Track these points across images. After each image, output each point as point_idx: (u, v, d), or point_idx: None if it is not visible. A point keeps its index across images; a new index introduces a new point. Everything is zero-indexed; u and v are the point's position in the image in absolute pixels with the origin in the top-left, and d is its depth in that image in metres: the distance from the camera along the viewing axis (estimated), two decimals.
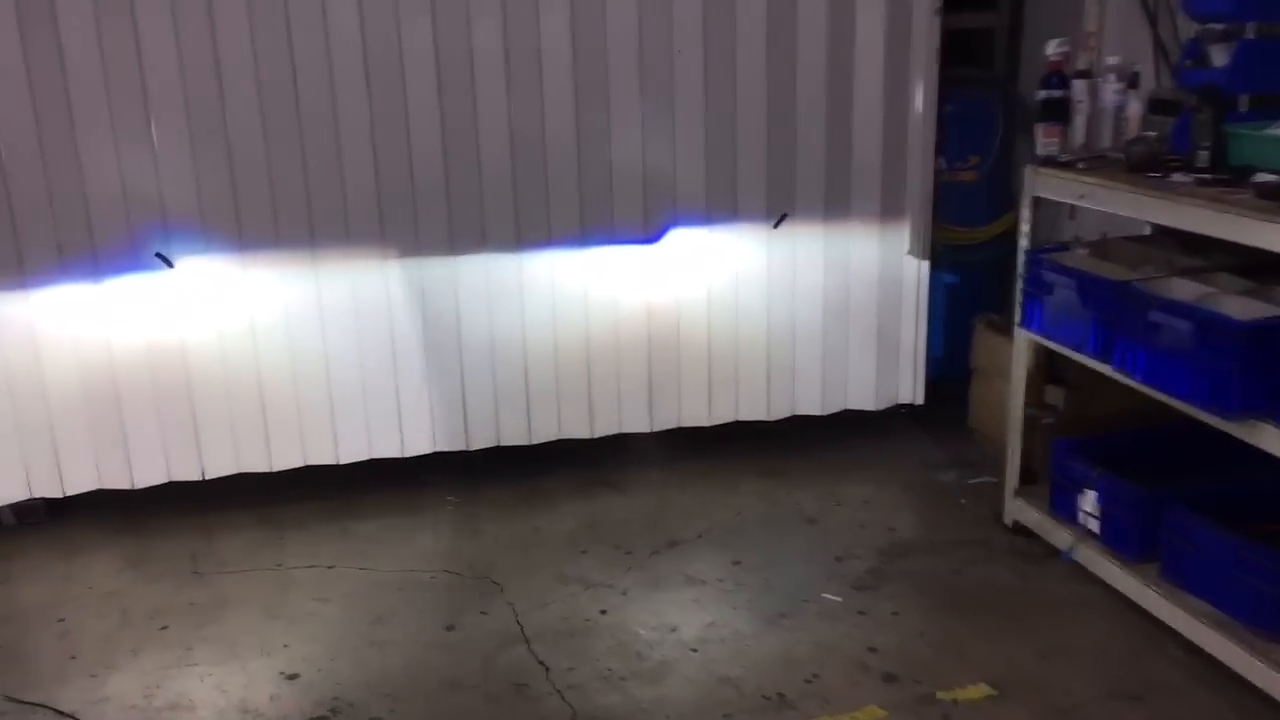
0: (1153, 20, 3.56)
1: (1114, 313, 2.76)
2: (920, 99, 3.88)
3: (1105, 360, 2.82)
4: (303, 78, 3.43)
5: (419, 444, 3.82)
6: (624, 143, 3.73)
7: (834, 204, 3.92)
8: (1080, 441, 3.24)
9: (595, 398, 3.93)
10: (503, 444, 3.89)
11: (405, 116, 3.53)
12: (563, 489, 3.84)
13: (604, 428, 3.97)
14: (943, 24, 3.83)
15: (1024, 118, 4.31)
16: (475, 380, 3.81)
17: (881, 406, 4.16)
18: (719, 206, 3.85)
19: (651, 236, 3.83)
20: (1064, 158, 3.09)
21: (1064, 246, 3.15)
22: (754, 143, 3.81)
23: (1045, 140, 3.12)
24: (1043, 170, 3.12)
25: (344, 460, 3.77)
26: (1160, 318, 2.61)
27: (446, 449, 3.84)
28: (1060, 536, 3.21)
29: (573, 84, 3.62)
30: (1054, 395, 3.46)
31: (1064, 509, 3.22)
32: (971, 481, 3.82)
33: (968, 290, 4.32)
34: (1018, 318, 3.25)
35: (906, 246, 4.04)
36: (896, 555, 3.34)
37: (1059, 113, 3.10)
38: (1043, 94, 3.11)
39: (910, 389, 4.18)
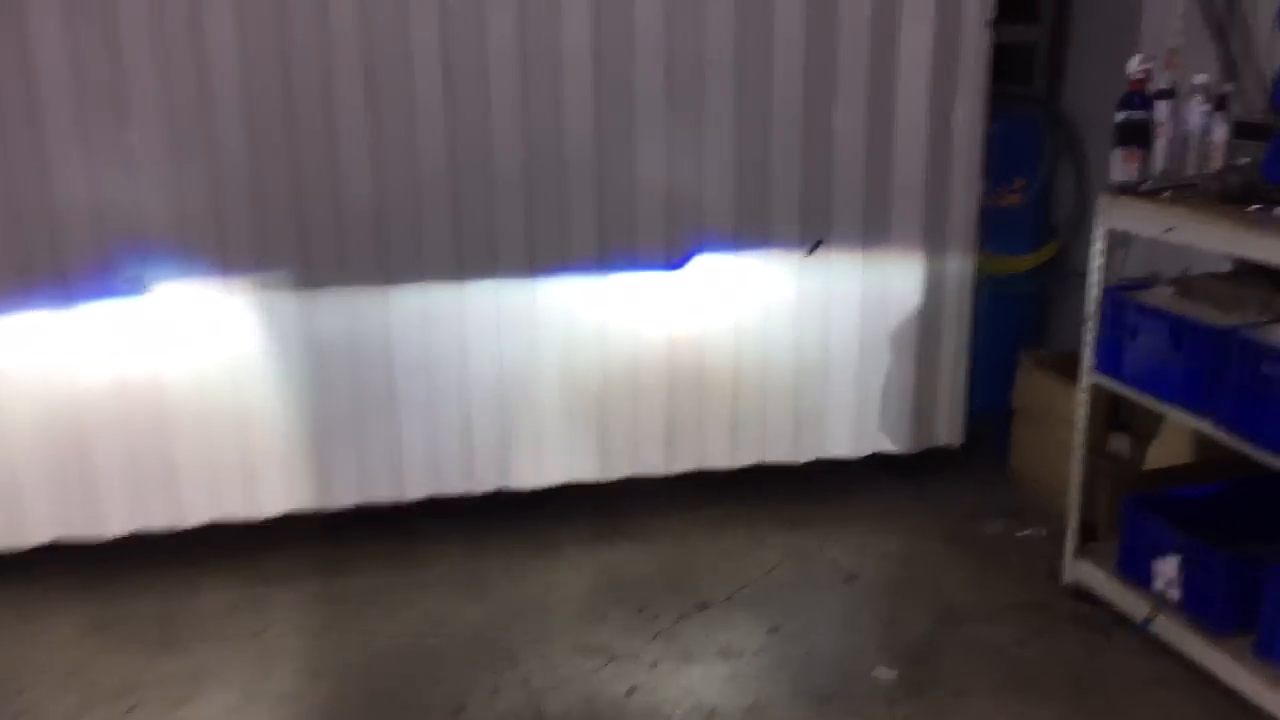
0: (1223, 33, 3.28)
1: (1217, 363, 2.46)
2: (968, 117, 3.59)
3: (1205, 415, 2.52)
4: (296, 80, 3.10)
5: (418, 488, 3.47)
6: (648, 159, 3.40)
7: (872, 230, 3.61)
8: (1154, 497, 2.94)
9: (609, 437, 3.60)
10: (508, 488, 3.55)
11: (410, 126, 3.20)
12: (574, 539, 3.50)
13: (617, 470, 3.64)
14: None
15: (1068, 139, 4.03)
16: (482, 418, 3.47)
17: (917, 450, 3.85)
18: (749, 230, 3.54)
19: (675, 262, 3.51)
20: (1146, 186, 2.79)
21: (1145, 284, 2.85)
22: (788, 162, 3.50)
23: (1124, 166, 2.82)
24: (1121, 199, 2.82)
25: (334, 506, 3.42)
26: (1275, 370, 2.31)
27: (448, 493, 3.50)
28: (1131, 603, 2.90)
29: (594, 94, 3.30)
30: (1119, 444, 3.17)
31: (1135, 572, 2.91)
32: (1020, 534, 3.51)
33: (1007, 323, 4.03)
34: (1089, 361, 2.95)
35: (949, 277, 3.73)
36: (949, 622, 3.02)
37: (1139, 136, 2.80)
38: (1122, 115, 2.81)
39: (948, 430, 3.87)
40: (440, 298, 3.35)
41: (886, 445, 3.82)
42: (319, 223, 3.21)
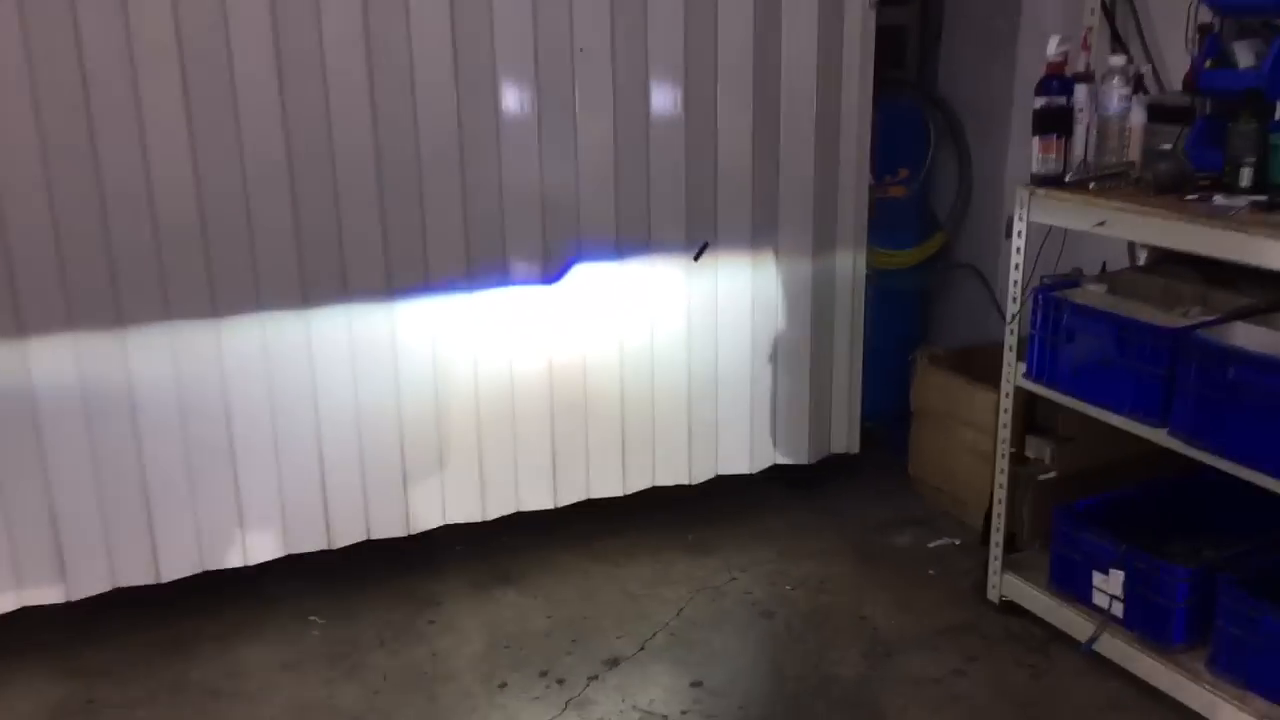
0: (1110, 12, 3.15)
1: (1170, 368, 2.29)
2: (855, 105, 3.35)
3: (1158, 424, 2.34)
4: (91, 72, 2.57)
5: (265, 547, 2.99)
6: (516, 160, 3.02)
7: (761, 230, 3.34)
8: (1084, 505, 2.77)
9: (488, 473, 3.20)
10: (373, 538, 3.11)
11: (234, 124, 2.71)
12: (455, 591, 3.09)
13: (499, 507, 3.25)
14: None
15: (950, 126, 3.87)
16: (337, 463, 3.02)
17: (815, 459, 3.61)
18: (631, 236, 3.20)
19: (552, 275, 3.14)
20: (1071, 177, 2.60)
21: (1070, 281, 2.67)
22: (670, 158, 3.17)
23: (1043, 155, 2.62)
24: (1042, 192, 2.62)
25: (167, 578, 2.90)
26: (1243, 376, 2.14)
27: (302, 550, 3.03)
28: (1068, 619, 2.73)
29: (452, 86, 2.89)
30: (1038, 448, 2.99)
31: (1070, 585, 2.74)
32: (932, 545, 3.31)
33: (893, 321, 3.84)
34: (1014, 366, 2.75)
35: (839, 276, 3.50)
36: (882, 655, 2.77)
37: (1059, 123, 2.61)
38: (1041, 101, 2.61)
39: (845, 438, 3.65)
40: (282, 329, 2.88)
41: (784, 457, 3.56)
42: (128, 246, 2.69)
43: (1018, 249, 2.71)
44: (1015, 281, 2.73)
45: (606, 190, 3.14)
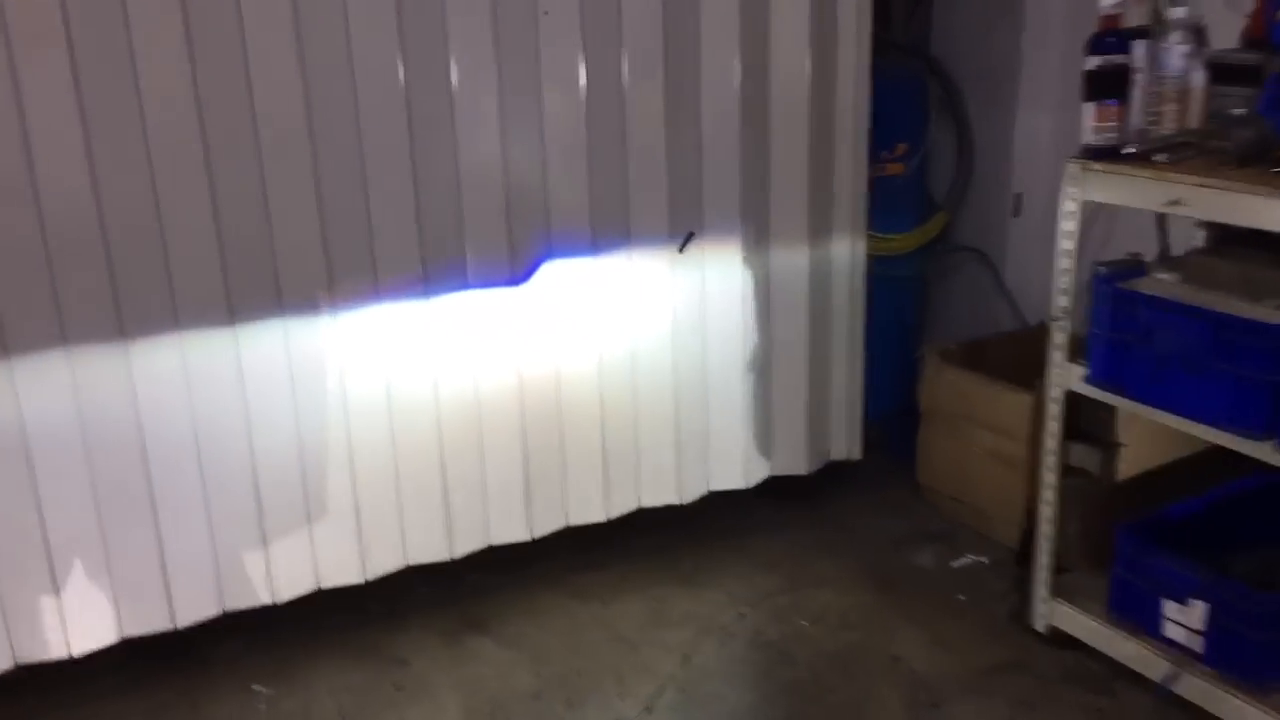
0: None
1: None
2: (852, 71, 2.97)
3: (1266, 437, 2.00)
4: None
5: (195, 607, 2.54)
6: (475, 141, 2.58)
7: (752, 214, 2.94)
8: (1148, 524, 2.44)
9: (454, 505, 2.77)
10: (325, 587, 2.67)
11: (138, 113, 2.23)
12: (423, 645, 2.67)
13: (467, 543, 2.82)
14: None
15: (948, 94, 3.51)
16: (278, 504, 2.57)
17: (814, 468, 3.24)
18: (607, 226, 2.78)
19: (519, 275, 2.71)
20: (1131, 149, 2.25)
21: (1133, 270, 2.31)
22: (650, 135, 2.76)
23: (1098, 124, 2.26)
24: (1099, 166, 2.26)
25: (78, 651, 2.43)
26: None
27: (240, 607, 2.58)
28: (1132, 652, 2.39)
29: (399, 52, 2.44)
30: (1084, 457, 2.65)
31: (1133, 613, 2.41)
32: (956, 565, 2.96)
33: (891, 312, 3.48)
34: (1064, 369, 2.40)
35: (837, 266, 3.13)
36: (927, 705, 2.42)
37: (1116, 87, 2.25)
38: (1096, 61, 2.24)
39: (845, 443, 3.28)
40: (206, 351, 2.42)
41: (781, 468, 3.18)
42: (6, 256, 2.20)
43: (1067, 233, 2.34)
44: (1065, 270, 2.37)
45: (579, 174, 2.71)
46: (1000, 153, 3.40)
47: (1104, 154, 2.27)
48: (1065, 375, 2.41)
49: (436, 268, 2.60)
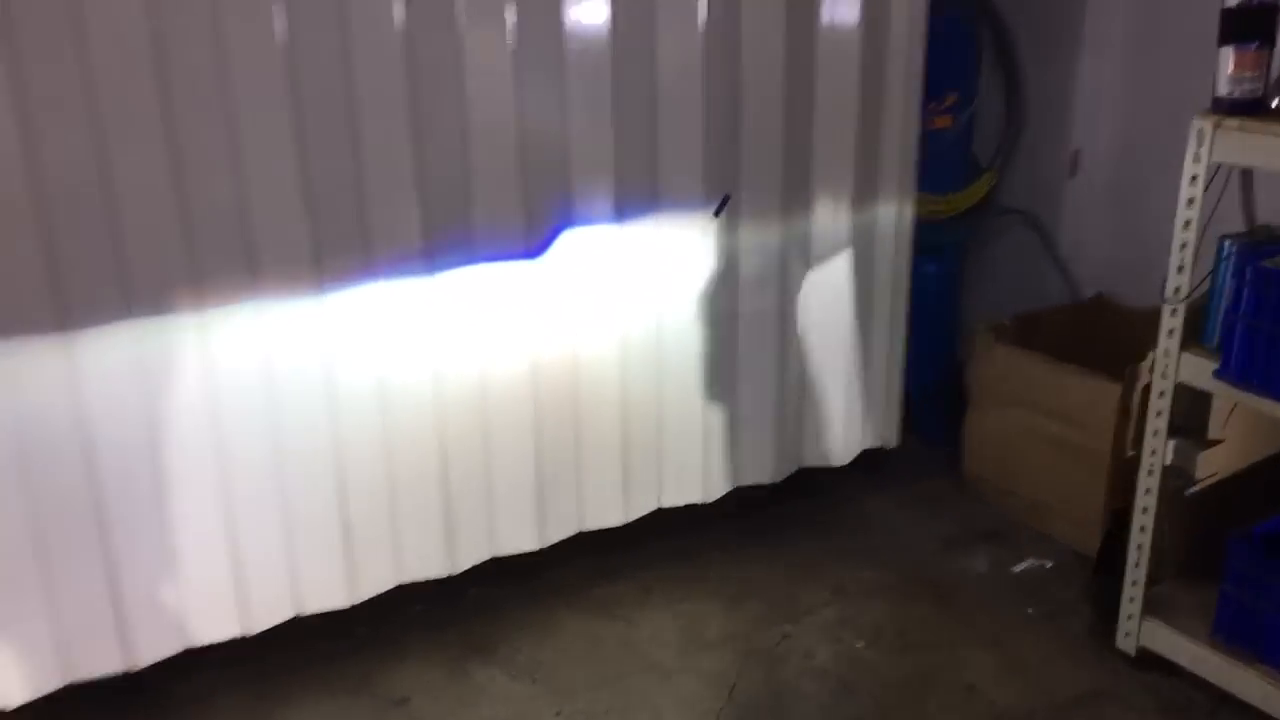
0: None
1: None
2: (904, 10, 2.60)
3: None
4: None
5: (158, 642, 2.14)
6: (486, 94, 2.17)
7: (795, 175, 2.58)
8: (1264, 532, 2.15)
9: (456, 512, 2.40)
10: (305, 614, 2.29)
11: (82, 63, 1.80)
12: (424, 678, 2.30)
13: (471, 555, 2.45)
14: None
15: (998, 38, 3.14)
16: (252, 520, 2.17)
17: (849, 459, 2.91)
18: (634, 190, 2.40)
19: (534, 247, 2.32)
20: (1277, 101, 1.91)
21: (1270, 245, 1.99)
22: (684, 86, 2.38)
23: (1237, 72, 1.92)
24: (1234, 123, 1.92)
25: (19, 700, 2.03)
26: None
27: (210, 642, 2.19)
28: (1243, 681, 2.10)
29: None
30: (1182, 453, 2.34)
31: (1245, 636, 2.12)
32: (1018, 570, 2.66)
33: (932, 281, 3.13)
34: (1179, 361, 2.08)
35: (881, 231, 2.78)
36: None
37: (1261, 29, 1.90)
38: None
39: (880, 429, 2.96)
40: (162, 341, 2.00)
41: (814, 458, 2.85)
42: None
43: (1189, 201, 2.01)
44: (1184, 245, 2.04)
45: (603, 130, 2.32)
46: (1057, 104, 3.05)
47: (1242, 107, 1.93)
48: (1173, 365, 2.09)
49: (439, 239, 2.20)
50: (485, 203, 2.23)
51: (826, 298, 2.72)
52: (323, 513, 2.24)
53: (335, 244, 2.10)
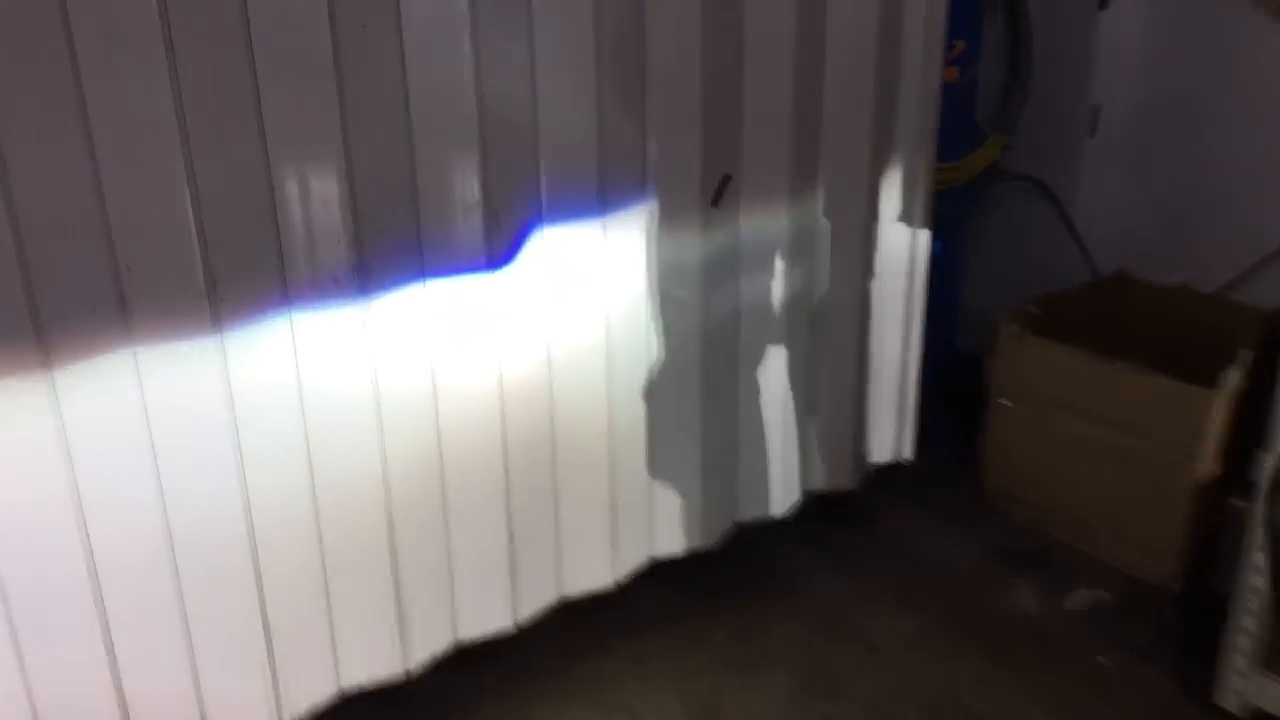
0: None
1: None
2: None
3: None
4: None
5: None
6: (432, 55, 1.62)
7: (804, 147, 2.10)
8: None
9: (410, 597, 1.88)
10: None
11: None
12: None
13: (427, 646, 1.94)
14: None
15: None
16: (133, 627, 1.61)
17: (863, 479, 2.48)
18: (619, 174, 1.89)
19: (499, 254, 1.79)
20: None
21: None
22: (678, 39, 1.87)
23: None
24: None
25: None
26: None
27: None
28: None
29: None
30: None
31: None
32: (1072, 606, 2.27)
33: (937, 258, 2.70)
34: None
35: (897, 208, 2.33)
36: None
37: None
38: None
39: (895, 441, 2.54)
40: (9, 406, 1.42)
41: (820, 482, 2.42)
42: None
43: None
44: None
45: (584, 101, 1.80)
46: (1073, 55, 2.64)
47: None
48: None
49: (376, 250, 1.65)
50: (433, 201, 1.69)
51: (836, 290, 2.26)
52: (235, 614, 1.69)
53: (234, 264, 1.53)
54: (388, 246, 1.66)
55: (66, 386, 1.44)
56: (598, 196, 1.86)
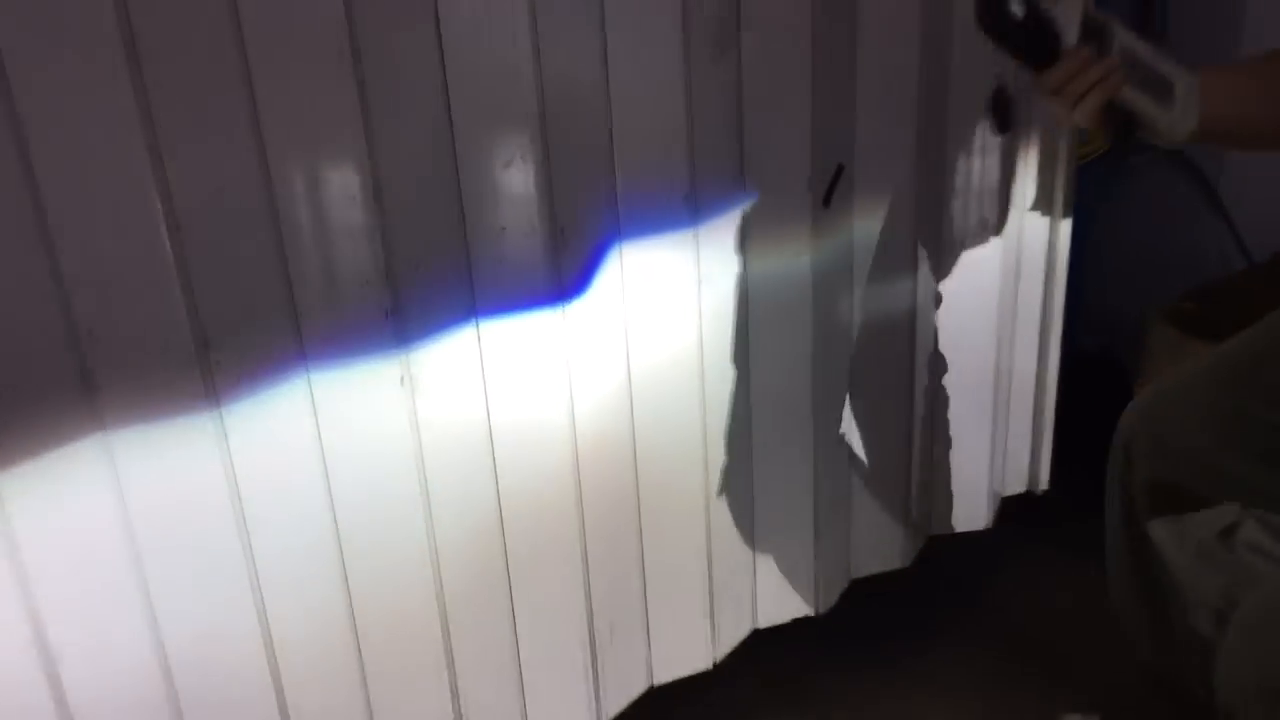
0: None
1: None
2: None
3: None
4: None
5: None
6: (481, 29, 1.24)
7: (929, 123, 1.71)
8: None
9: (469, 704, 1.51)
10: None
11: None
12: None
13: None
14: None
15: None
16: None
17: (989, 519, 2.10)
18: (713, 176, 1.50)
19: (569, 283, 1.41)
20: None
21: None
22: (780, 14, 1.48)
23: None
24: None
25: None
26: None
27: None
28: None
29: None
30: None
31: None
32: None
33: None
34: None
35: (1031, 195, 1.94)
36: None
37: None
38: None
39: (1030, 469, 2.15)
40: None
41: (942, 527, 2.04)
42: None
43: None
44: None
45: (671, 87, 1.41)
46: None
47: None
48: None
49: (414, 288, 1.28)
50: (483, 213, 1.32)
51: (970, 301, 1.87)
52: None
53: (230, 324, 1.16)
54: (429, 283, 1.28)
55: (12, 492, 1.08)
56: (686, 200, 1.48)
